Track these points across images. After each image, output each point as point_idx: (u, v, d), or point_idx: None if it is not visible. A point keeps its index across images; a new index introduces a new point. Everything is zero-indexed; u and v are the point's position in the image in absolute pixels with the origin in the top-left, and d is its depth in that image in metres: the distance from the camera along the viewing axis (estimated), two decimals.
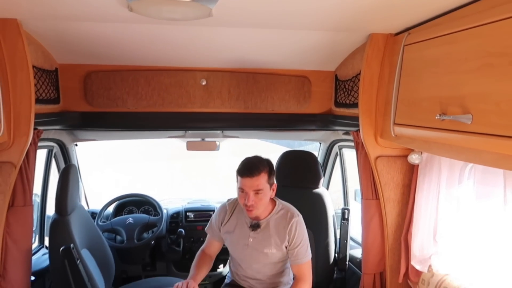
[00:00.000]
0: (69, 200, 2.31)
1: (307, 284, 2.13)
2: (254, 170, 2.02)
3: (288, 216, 2.16)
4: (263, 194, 2.04)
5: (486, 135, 1.27)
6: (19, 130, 1.82)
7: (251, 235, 2.17)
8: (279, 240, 2.13)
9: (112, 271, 2.68)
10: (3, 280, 1.91)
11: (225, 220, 2.26)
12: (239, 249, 2.21)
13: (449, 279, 1.88)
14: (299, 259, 2.14)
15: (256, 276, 2.24)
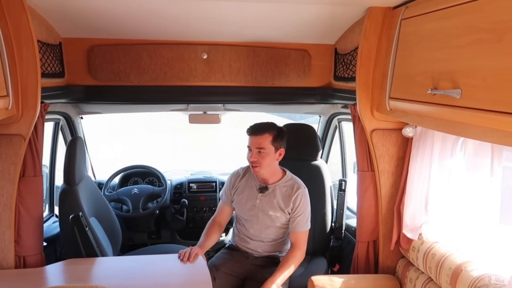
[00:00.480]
0: (76, 170, 2.40)
1: (300, 251, 2.30)
2: (258, 129, 2.26)
3: (295, 187, 2.34)
4: (265, 154, 2.24)
5: (474, 110, 1.32)
6: (27, 104, 1.89)
7: (259, 197, 2.34)
8: (283, 205, 2.31)
9: (119, 239, 2.81)
10: (17, 245, 2.04)
11: (237, 182, 2.45)
12: (246, 209, 2.38)
13: (437, 247, 1.98)
14: (298, 227, 2.30)
15: (260, 237, 2.39)
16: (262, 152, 2.24)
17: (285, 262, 2.23)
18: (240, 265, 2.40)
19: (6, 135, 1.94)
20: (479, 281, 1.65)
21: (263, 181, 2.37)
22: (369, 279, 2.26)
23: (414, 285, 2.10)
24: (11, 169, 1.96)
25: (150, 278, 1.95)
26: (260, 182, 2.38)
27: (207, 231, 2.41)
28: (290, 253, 2.29)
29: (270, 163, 2.29)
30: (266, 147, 2.24)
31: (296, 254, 2.28)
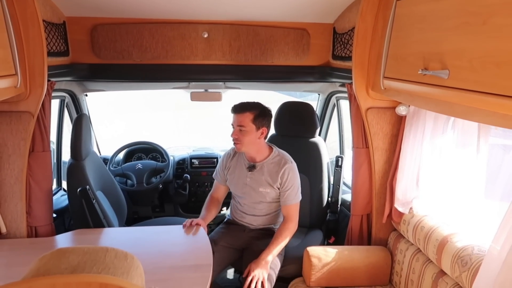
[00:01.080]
0: (83, 146, 2.50)
1: (293, 223, 2.41)
2: (240, 108, 2.35)
3: (282, 162, 2.41)
4: (245, 132, 2.33)
5: (460, 90, 1.38)
6: (35, 82, 1.97)
7: (248, 175, 2.45)
8: (271, 181, 2.40)
9: (124, 211, 2.93)
10: (29, 216, 2.16)
11: (228, 162, 2.55)
12: (239, 187, 2.49)
13: (426, 220, 2.09)
14: (288, 200, 2.40)
15: (253, 212, 2.51)
16: (243, 129, 2.32)
17: (279, 234, 2.35)
18: (237, 238, 2.53)
19: (16, 112, 2.03)
20: (463, 251, 1.76)
21: (251, 160, 2.46)
22: (362, 250, 2.38)
23: (404, 255, 2.22)
24: (21, 144, 2.06)
25: (154, 247, 2.07)
26: (248, 161, 2.47)
27: (206, 206, 2.54)
28: (283, 225, 2.40)
29: (251, 141, 2.35)
30: (247, 125, 2.32)
31: (289, 226, 2.39)
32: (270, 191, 2.43)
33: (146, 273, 1.79)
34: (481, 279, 1.56)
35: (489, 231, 1.85)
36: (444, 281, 1.87)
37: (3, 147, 2.05)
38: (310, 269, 2.28)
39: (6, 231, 2.12)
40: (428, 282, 1.97)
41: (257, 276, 2.16)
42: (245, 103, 2.38)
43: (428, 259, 2.03)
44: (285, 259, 2.51)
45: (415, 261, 2.11)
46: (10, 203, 2.11)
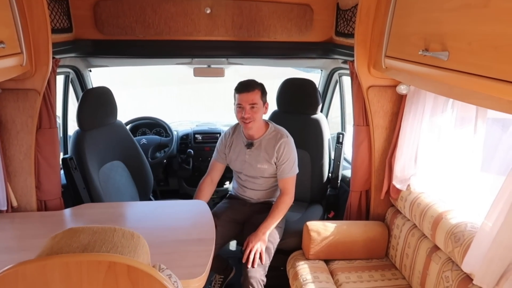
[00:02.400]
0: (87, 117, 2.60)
1: (289, 196, 2.48)
2: (250, 86, 2.38)
3: (278, 137, 2.47)
4: (257, 109, 2.39)
5: (459, 72, 1.40)
6: (40, 60, 1.99)
7: (247, 152, 2.52)
8: (268, 156, 2.46)
9: (148, 184, 3.00)
10: (38, 191, 2.24)
11: (228, 141, 2.62)
12: (238, 164, 2.57)
13: (423, 197, 2.14)
14: (284, 174, 2.47)
15: (253, 186, 2.60)
16: (255, 107, 2.37)
17: (275, 208, 2.42)
18: (239, 211, 2.61)
19: (22, 90, 2.06)
20: (456, 228, 1.83)
21: (249, 137, 2.52)
22: (360, 225, 2.46)
23: (401, 230, 2.29)
24: (28, 121, 2.11)
25: (160, 221, 2.15)
26: (246, 139, 2.53)
27: (197, 193, 2.59)
28: (279, 199, 2.47)
29: (260, 118, 2.44)
30: (258, 102, 2.37)
31: (285, 199, 2.46)
32: (268, 167, 2.49)
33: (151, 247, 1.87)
34: (472, 254, 1.63)
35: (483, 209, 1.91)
36: (438, 255, 1.94)
37: (11, 124, 2.10)
38: (309, 242, 2.36)
39: (17, 205, 2.20)
40: (422, 256, 2.05)
41: (255, 248, 2.26)
42: (250, 81, 2.41)
43: (423, 235, 2.10)
44: (286, 233, 2.59)
45: (411, 236, 2.18)
46: (20, 178, 2.18)
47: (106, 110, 2.78)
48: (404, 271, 2.24)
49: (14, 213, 2.18)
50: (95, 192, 2.53)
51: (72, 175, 2.47)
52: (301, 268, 2.33)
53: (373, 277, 2.26)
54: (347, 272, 2.30)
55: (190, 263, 1.74)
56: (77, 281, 0.79)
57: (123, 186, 2.84)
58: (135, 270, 0.80)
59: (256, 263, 2.24)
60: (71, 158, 2.49)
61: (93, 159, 2.63)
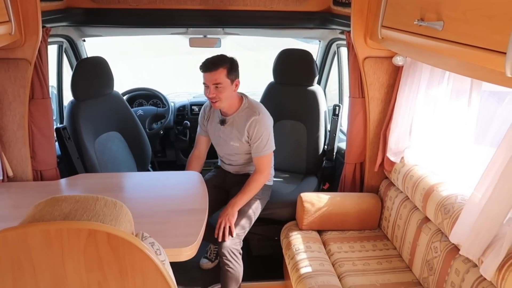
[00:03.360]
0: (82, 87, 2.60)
1: (262, 175, 2.41)
2: (212, 65, 2.24)
3: (249, 114, 2.37)
4: (222, 88, 2.27)
5: (453, 43, 1.37)
6: (29, 29, 1.96)
7: (221, 129, 2.47)
8: (239, 134, 2.40)
9: (145, 154, 3.00)
10: (33, 161, 2.25)
11: (206, 114, 2.58)
12: (215, 140, 2.56)
13: (416, 169, 2.15)
14: (258, 152, 2.40)
15: (229, 162, 2.59)
16: (219, 87, 2.25)
17: (247, 185, 2.38)
18: (223, 180, 2.63)
19: (13, 60, 2.04)
20: (447, 200, 1.84)
21: (223, 114, 2.44)
22: (353, 196, 2.48)
23: (393, 202, 2.31)
24: (20, 91, 2.10)
25: (154, 191, 2.17)
26: (221, 115, 2.45)
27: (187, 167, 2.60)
28: (252, 176, 2.42)
29: (228, 96, 2.31)
30: (223, 81, 2.25)
31: (257, 178, 2.40)
32: (240, 145, 2.43)
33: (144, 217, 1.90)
34: (459, 225, 1.65)
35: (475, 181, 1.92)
36: (428, 226, 1.97)
37: (3, 94, 2.09)
38: (302, 213, 2.39)
39: (12, 175, 2.22)
40: (413, 227, 2.08)
41: (224, 222, 2.27)
42: (215, 59, 2.27)
43: (414, 206, 2.12)
44: (280, 203, 2.63)
45: (403, 208, 2.20)
46: (15, 148, 2.19)
47: (101, 81, 2.75)
48: (395, 241, 2.28)
49: (10, 183, 2.20)
50: (90, 163, 2.55)
51: (66, 145, 2.48)
52: (294, 238, 2.37)
53: (365, 247, 2.30)
54: (339, 242, 2.34)
55: (182, 232, 1.76)
56: (58, 248, 0.80)
57: (120, 156, 2.85)
58: (115, 238, 0.81)
59: (226, 236, 2.25)
60: (64, 128, 2.50)
61: (88, 129, 2.63)
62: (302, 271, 2.10)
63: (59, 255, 0.81)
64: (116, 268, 0.84)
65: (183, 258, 1.68)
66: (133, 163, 2.92)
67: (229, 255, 2.24)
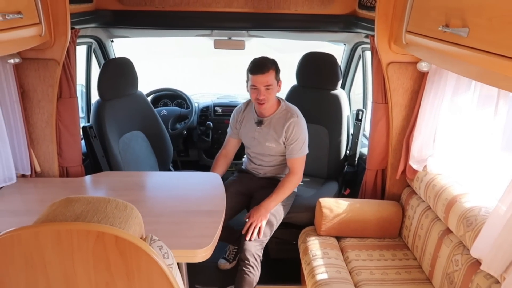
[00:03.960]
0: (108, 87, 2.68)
1: (296, 176, 2.46)
2: (264, 68, 2.30)
3: (288, 116, 2.42)
4: (272, 89, 2.34)
5: (477, 50, 1.32)
6: (59, 30, 2.04)
7: (257, 129, 2.50)
8: (276, 135, 2.43)
9: (167, 154, 3.07)
10: (60, 158, 2.34)
11: (240, 116, 2.61)
12: (248, 140, 2.58)
13: (439, 178, 2.08)
14: (293, 154, 2.44)
15: (260, 162, 2.61)
16: (270, 88, 2.32)
17: (281, 186, 2.41)
18: (246, 185, 2.63)
19: (43, 60, 2.12)
20: (470, 212, 1.78)
21: (260, 115, 2.48)
22: (373, 204, 2.43)
23: (415, 211, 2.25)
24: (49, 91, 2.18)
25: (172, 191, 2.21)
26: (257, 116, 2.50)
27: (213, 166, 2.64)
28: (286, 177, 2.46)
29: (274, 97, 2.40)
30: (272, 83, 2.32)
31: (292, 179, 2.44)
32: (276, 146, 2.47)
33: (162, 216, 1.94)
34: (482, 239, 1.59)
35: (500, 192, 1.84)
36: (449, 238, 1.90)
37: (32, 92, 2.18)
38: (321, 219, 2.36)
39: (40, 170, 2.31)
40: (434, 238, 2.02)
41: (255, 222, 2.30)
42: (264, 61, 2.33)
43: (436, 217, 2.06)
44: (299, 208, 2.61)
45: (424, 218, 2.14)
46: (42, 145, 2.28)
47: (126, 81, 2.83)
48: (415, 252, 2.22)
49: (37, 178, 2.29)
50: (114, 161, 2.62)
51: (92, 144, 2.56)
52: (312, 243, 2.35)
53: (384, 256, 2.26)
54: (358, 250, 2.31)
55: (198, 233, 1.78)
56: (68, 248, 0.83)
57: (143, 155, 2.91)
58: (123, 241, 0.83)
59: (253, 236, 2.28)
60: (91, 127, 2.58)
61: (113, 128, 2.71)
62: (318, 277, 2.08)
63: (69, 254, 0.83)
64: (123, 270, 0.86)
65: (197, 260, 1.70)
66: (155, 162, 2.98)
67: (251, 261, 2.25)
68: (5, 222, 1.86)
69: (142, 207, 2.01)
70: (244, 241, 2.29)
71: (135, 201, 2.02)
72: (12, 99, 2.09)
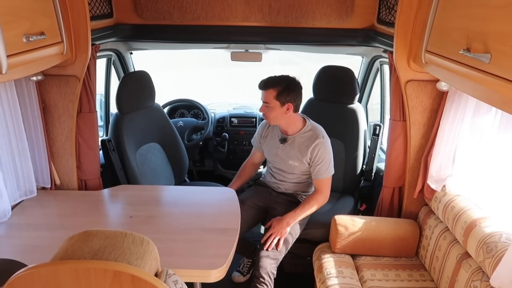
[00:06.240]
0: (126, 100, 2.72)
1: (323, 196, 2.45)
2: (264, 85, 2.36)
3: (313, 137, 2.41)
4: (270, 108, 2.36)
5: (498, 78, 1.29)
6: (80, 48, 2.08)
7: (280, 147, 2.49)
8: (300, 155, 2.43)
9: (183, 166, 3.10)
10: (79, 170, 2.38)
11: (264, 132, 2.63)
12: (271, 156, 2.58)
13: (458, 200, 2.04)
14: (319, 175, 2.43)
15: (282, 178, 2.60)
16: (267, 106, 2.35)
17: (307, 203, 2.42)
18: (263, 199, 2.63)
19: (64, 76, 2.17)
20: (490, 237, 1.73)
21: (284, 132, 2.49)
22: (390, 222, 2.40)
23: (432, 232, 2.21)
24: (70, 106, 2.23)
25: (188, 207, 2.23)
26: (281, 133, 2.50)
27: (238, 174, 2.70)
28: (313, 195, 2.46)
29: (277, 117, 2.38)
30: (270, 102, 2.33)
31: (318, 198, 2.44)
32: (299, 165, 2.46)
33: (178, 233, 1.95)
34: (502, 268, 1.55)
35: None
36: (468, 263, 1.86)
37: (54, 108, 2.23)
38: (336, 236, 2.34)
39: (60, 183, 2.36)
40: (452, 261, 1.98)
41: (276, 234, 2.31)
42: (270, 79, 2.36)
43: (455, 239, 2.02)
44: (315, 223, 2.59)
45: (442, 239, 2.10)
46: (62, 158, 2.33)
47: (144, 94, 2.87)
48: (433, 273, 2.18)
49: (57, 191, 2.34)
50: (132, 173, 2.65)
51: (110, 156, 2.60)
52: (326, 261, 2.33)
53: (400, 277, 2.22)
54: (373, 269, 2.27)
55: (213, 253, 1.79)
56: (86, 286, 0.84)
57: (159, 167, 2.95)
58: (139, 280, 0.84)
59: (272, 247, 2.29)
60: (110, 140, 2.62)
61: (131, 141, 2.75)
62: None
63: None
64: None
65: (211, 280, 1.71)
66: (171, 173, 3.00)
67: (266, 279, 2.26)
68: (27, 236, 1.91)
69: (158, 223, 2.06)
70: (260, 257, 2.28)
71: (151, 217, 2.08)
72: (34, 115, 2.15)
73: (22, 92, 2.07)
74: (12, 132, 2.05)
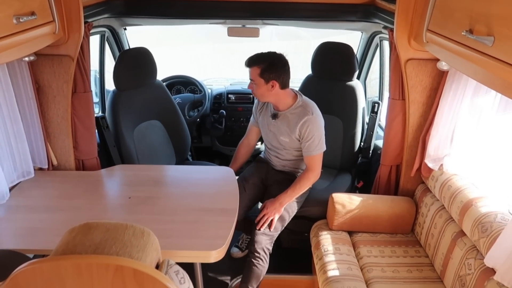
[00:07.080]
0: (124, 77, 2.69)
1: (314, 174, 2.44)
2: (247, 62, 2.34)
3: (303, 114, 2.37)
4: (255, 85, 2.35)
5: (501, 62, 1.27)
6: (72, 27, 2.02)
7: (272, 122, 2.49)
8: (289, 131, 2.42)
9: (186, 142, 3.08)
10: (76, 151, 2.37)
11: (259, 106, 2.61)
12: (265, 132, 2.59)
13: (455, 179, 2.06)
14: (309, 151, 2.41)
15: (277, 155, 2.61)
16: (253, 83, 2.35)
17: (298, 182, 2.42)
18: (264, 175, 2.66)
19: (57, 56, 2.12)
20: (485, 217, 1.76)
21: (275, 108, 2.46)
22: (386, 200, 2.42)
23: (429, 209, 2.24)
24: (64, 86, 2.19)
25: (187, 188, 2.23)
26: (273, 109, 2.48)
27: (235, 155, 2.70)
28: (303, 174, 2.46)
29: (263, 94, 2.36)
30: (255, 79, 2.32)
31: (309, 176, 2.43)
32: (290, 141, 2.45)
33: (177, 214, 1.97)
34: (497, 248, 1.58)
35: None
36: (463, 241, 1.90)
37: (48, 88, 2.19)
38: (333, 214, 2.38)
39: (57, 163, 2.36)
40: (447, 239, 2.02)
41: (268, 214, 2.34)
42: (254, 56, 2.32)
43: (450, 218, 2.05)
44: (312, 201, 2.61)
45: (438, 217, 2.14)
46: (59, 139, 2.31)
47: (144, 71, 2.82)
48: (428, 249, 2.22)
49: (55, 171, 2.34)
50: (127, 151, 2.64)
51: (104, 134, 2.58)
52: (324, 238, 2.37)
53: (395, 253, 2.27)
54: (370, 245, 2.32)
55: (212, 233, 1.82)
56: (88, 280, 0.85)
57: (160, 145, 2.93)
58: (141, 273, 0.85)
59: (264, 227, 2.32)
60: (103, 117, 2.60)
61: (128, 118, 2.72)
62: (329, 274, 2.11)
63: (89, 286, 0.86)
64: None
65: (211, 260, 1.74)
66: (172, 151, 2.99)
67: (260, 253, 2.30)
68: (26, 219, 1.92)
69: (157, 204, 2.07)
70: (255, 233, 2.32)
71: (150, 198, 2.09)
72: (28, 95, 2.11)
73: (14, 73, 2.03)
74: (6, 113, 2.02)
